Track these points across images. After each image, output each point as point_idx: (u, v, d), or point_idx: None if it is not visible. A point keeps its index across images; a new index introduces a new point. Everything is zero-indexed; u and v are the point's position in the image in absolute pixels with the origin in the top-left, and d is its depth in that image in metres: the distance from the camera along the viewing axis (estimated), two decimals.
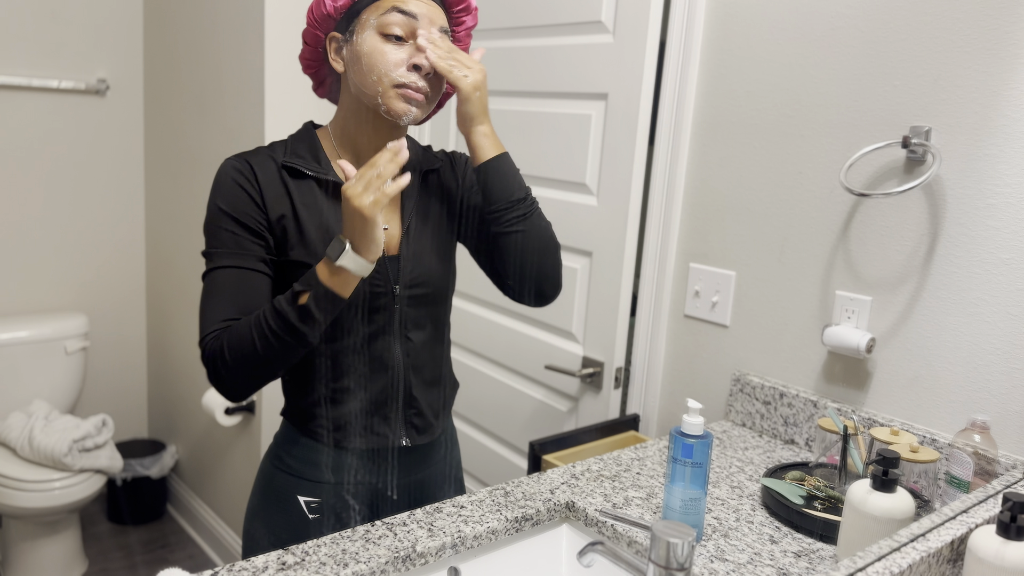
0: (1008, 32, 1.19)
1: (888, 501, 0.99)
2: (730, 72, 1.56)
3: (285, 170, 1.08)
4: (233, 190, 1.05)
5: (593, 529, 1.17)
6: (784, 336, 1.51)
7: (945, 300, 1.28)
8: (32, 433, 2.28)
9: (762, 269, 1.54)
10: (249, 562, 0.98)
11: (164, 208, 2.72)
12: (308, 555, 1.00)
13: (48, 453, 2.24)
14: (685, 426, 1.06)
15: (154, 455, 2.75)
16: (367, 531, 1.07)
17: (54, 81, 2.55)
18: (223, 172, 1.06)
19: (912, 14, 1.29)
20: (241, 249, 1.04)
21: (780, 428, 1.50)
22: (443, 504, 1.15)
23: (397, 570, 1.01)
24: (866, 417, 1.37)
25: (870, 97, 1.35)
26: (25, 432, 2.30)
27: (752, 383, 1.54)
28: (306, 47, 1.12)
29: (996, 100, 1.21)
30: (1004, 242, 1.21)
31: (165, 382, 2.86)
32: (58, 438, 2.26)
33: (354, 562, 0.99)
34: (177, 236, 2.65)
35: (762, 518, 1.20)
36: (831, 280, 1.43)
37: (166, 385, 2.85)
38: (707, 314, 1.63)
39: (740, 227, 1.56)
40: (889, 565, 0.96)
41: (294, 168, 1.09)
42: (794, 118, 1.46)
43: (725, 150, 1.58)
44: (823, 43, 1.41)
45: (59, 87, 2.56)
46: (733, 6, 1.54)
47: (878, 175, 1.36)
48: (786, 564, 1.07)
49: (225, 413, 2.28)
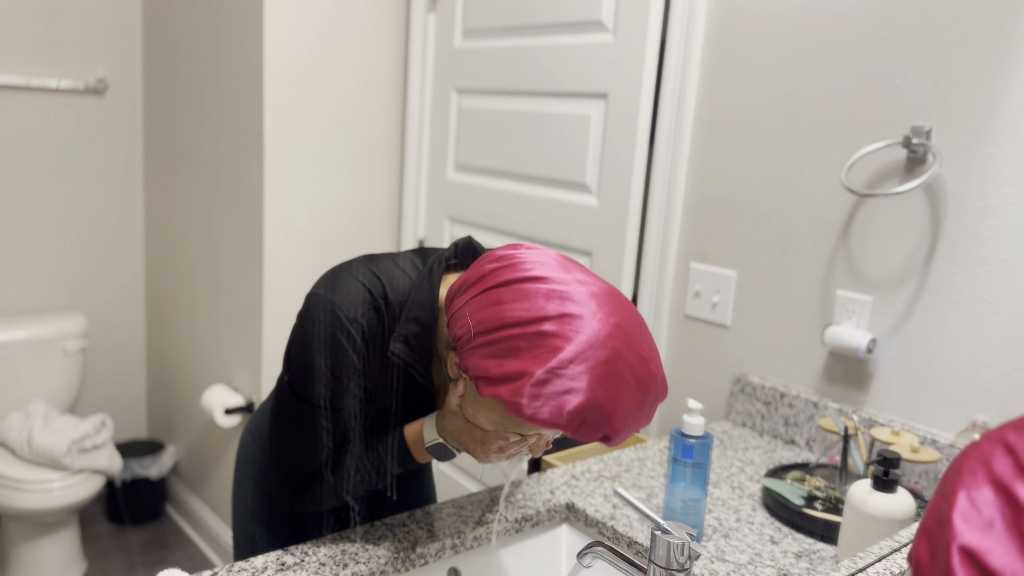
0: (1009, 32, 1.18)
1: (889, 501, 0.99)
2: (730, 72, 1.55)
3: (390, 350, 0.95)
4: (339, 350, 0.93)
5: (593, 529, 1.16)
6: (785, 336, 1.51)
7: (946, 300, 1.28)
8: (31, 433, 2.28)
9: (763, 269, 1.53)
10: (248, 562, 0.97)
11: (163, 208, 2.71)
12: (308, 555, 1.00)
13: (47, 453, 2.24)
14: (686, 426, 1.06)
15: (153, 455, 2.75)
16: (367, 531, 1.06)
17: (53, 81, 2.55)
18: (329, 328, 0.93)
19: (913, 14, 1.29)
20: (329, 398, 0.97)
21: (781, 428, 1.50)
22: (443, 504, 1.15)
23: (397, 570, 1.01)
24: (867, 417, 1.37)
25: (871, 97, 1.35)
26: (24, 432, 2.30)
27: (753, 383, 1.54)
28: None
29: (997, 100, 1.20)
30: (1005, 242, 1.21)
31: (164, 382, 2.85)
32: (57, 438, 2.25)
33: (354, 562, 0.99)
34: (176, 236, 2.65)
35: (763, 518, 1.20)
36: (832, 280, 1.43)
37: (165, 385, 2.85)
38: (707, 314, 1.63)
39: (741, 227, 1.56)
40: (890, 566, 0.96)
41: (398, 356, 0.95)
42: (795, 118, 1.46)
43: (725, 150, 1.58)
44: (824, 43, 1.41)
45: (58, 87, 2.56)
46: (733, 6, 1.54)
47: (879, 175, 1.36)
48: (786, 565, 1.07)
49: (224, 413, 2.28)
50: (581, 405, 0.77)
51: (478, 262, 0.89)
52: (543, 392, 0.77)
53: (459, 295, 0.87)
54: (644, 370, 0.81)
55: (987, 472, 0.41)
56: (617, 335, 0.79)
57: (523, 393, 0.77)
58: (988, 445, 0.42)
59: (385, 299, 0.95)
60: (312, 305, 0.94)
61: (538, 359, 0.78)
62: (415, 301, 0.95)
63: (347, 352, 0.93)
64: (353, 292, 0.94)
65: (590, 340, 0.78)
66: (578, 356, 0.77)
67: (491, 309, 0.82)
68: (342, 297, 0.93)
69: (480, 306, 0.83)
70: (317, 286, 0.95)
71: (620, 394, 0.79)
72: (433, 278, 0.96)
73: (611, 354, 0.78)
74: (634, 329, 0.82)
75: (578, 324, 0.79)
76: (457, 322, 0.85)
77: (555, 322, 0.79)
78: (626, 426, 0.80)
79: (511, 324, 0.80)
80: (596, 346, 0.78)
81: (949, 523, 0.40)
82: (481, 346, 0.81)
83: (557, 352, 0.77)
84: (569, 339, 0.78)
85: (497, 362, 0.80)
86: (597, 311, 0.80)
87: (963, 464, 0.42)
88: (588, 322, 0.79)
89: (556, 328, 0.78)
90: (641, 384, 0.80)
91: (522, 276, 0.82)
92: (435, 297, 0.95)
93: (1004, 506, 0.39)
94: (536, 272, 0.82)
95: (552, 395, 0.77)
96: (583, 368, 0.77)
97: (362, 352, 0.93)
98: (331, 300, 0.93)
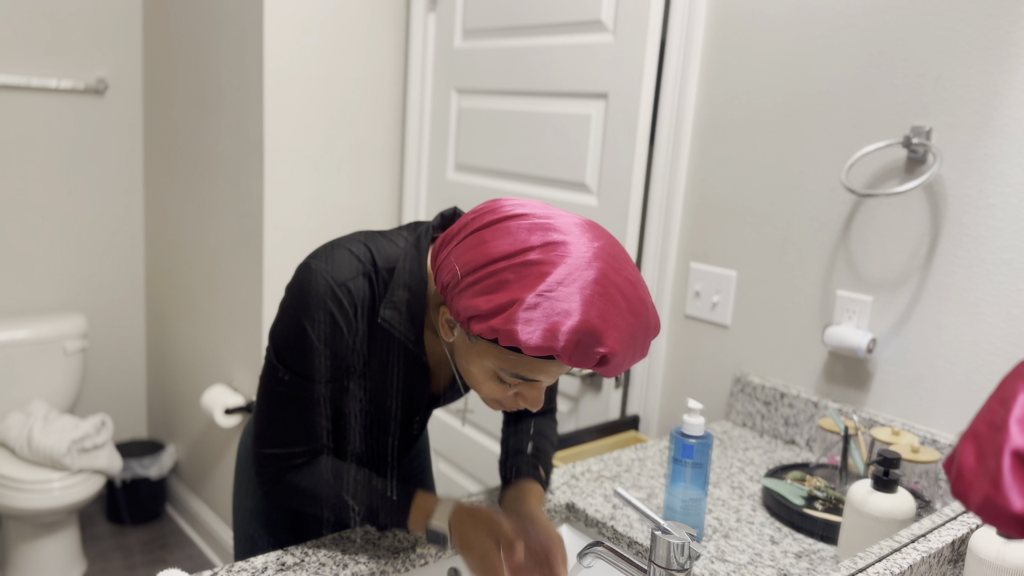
0: (1009, 32, 1.18)
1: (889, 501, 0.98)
2: (731, 72, 1.55)
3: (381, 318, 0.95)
4: (326, 321, 0.93)
5: (593, 529, 1.16)
6: (785, 336, 1.51)
7: (946, 300, 1.28)
8: (31, 433, 2.28)
9: (763, 269, 1.53)
10: (248, 562, 0.97)
11: (163, 208, 2.71)
12: (308, 555, 1.00)
13: (47, 453, 2.24)
14: (686, 426, 1.06)
15: (153, 455, 2.75)
16: (367, 531, 1.06)
17: (53, 81, 2.55)
18: (318, 295, 0.92)
19: (913, 13, 1.29)
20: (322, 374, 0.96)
21: (781, 428, 1.50)
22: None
23: (397, 570, 1.01)
24: (867, 417, 1.37)
25: (871, 97, 1.35)
26: (24, 432, 2.30)
27: (753, 383, 1.54)
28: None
29: (997, 100, 1.20)
30: (1005, 242, 1.21)
31: (164, 382, 2.85)
32: (57, 438, 2.25)
33: (354, 562, 0.99)
34: (176, 236, 2.65)
35: (763, 519, 1.20)
36: (832, 280, 1.43)
37: (165, 385, 2.85)
38: (708, 314, 1.63)
39: (741, 227, 1.56)
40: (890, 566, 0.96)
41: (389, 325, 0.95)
42: (795, 118, 1.46)
43: (726, 150, 1.57)
44: (824, 42, 1.41)
45: (58, 87, 2.56)
46: (733, 5, 1.54)
47: (879, 175, 1.36)
48: (787, 565, 1.07)
49: (224, 413, 2.28)
50: (574, 325, 0.77)
51: (460, 218, 0.90)
52: (535, 316, 0.77)
53: (443, 247, 0.88)
54: (634, 293, 0.81)
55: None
56: (603, 257, 0.80)
57: (516, 319, 0.78)
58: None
59: (375, 266, 0.95)
60: (302, 273, 0.94)
61: (527, 286, 0.78)
62: (404, 268, 0.95)
63: (336, 320, 0.92)
64: (342, 260, 0.94)
65: (577, 263, 0.79)
66: (566, 278, 0.78)
67: (476, 249, 0.82)
68: (332, 265, 0.93)
69: (464, 249, 0.84)
70: (307, 257, 0.96)
71: (611, 313, 0.79)
72: (421, 246, 0.96)
73: (599, 274, 0.79)
74: (619, 254, 0.83)
75: (563, 249, 0.80)
76: (443, 270, 0.86)
77: (540, 250, 0.80)
78: (621, 348, 0.80)
79: (497, 259, 0.80)
80: (583, 267, 0.79)
81: (1005, 427, 0.38)
82: (469, 285, 0.82)
83: (545, 277, 0.78)
84: (556, 264, 0.79)
85: (487, 298, 0.80)
86: (581, 236, 0.81)
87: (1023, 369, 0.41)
88: (573, 247, 0.80)
89: (542, 256, 0.79)
90: (632, 306, 0.81)
91: (504, 215, 0.84)
92: (423, 264, 0.95)
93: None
94: (517, 211, 0.84)
95: (544, 317, 0.77)
96: (572, 289, 0.78)
97: (350, 320, 0.93)
98: (320, 267, 0.93)
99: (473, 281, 0.81)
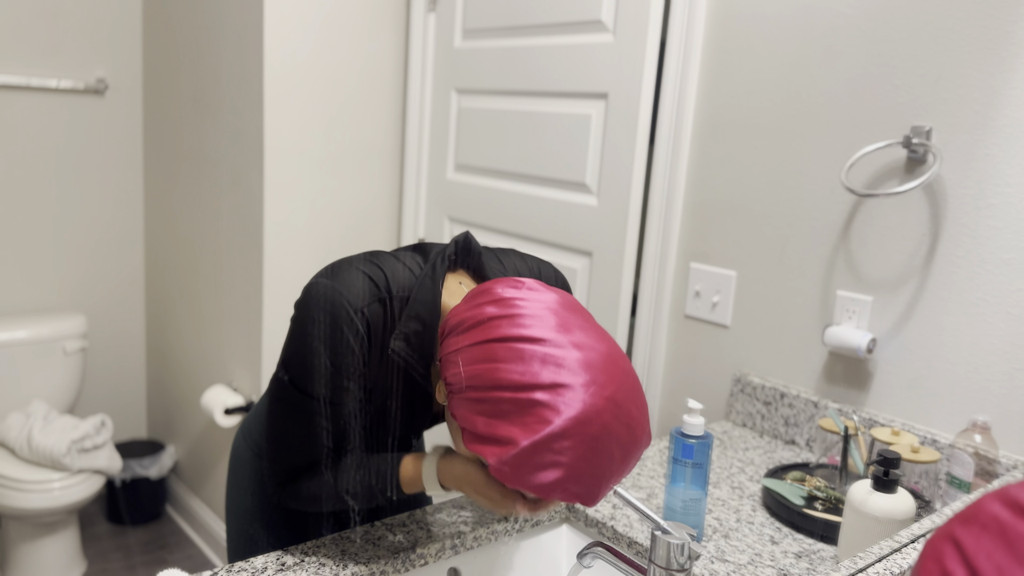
0: (1008, 32, 1.18)
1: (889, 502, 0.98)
2: (730, 72, 1.55)
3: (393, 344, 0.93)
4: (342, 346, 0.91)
5: (593, 529, 1.16)
6: (785, 336, 1.51)
7: (946, 300, 1.28)
8: (31, 433, 2.28)
9: (763, 269, 1.53)
10: (248, 562, 0.97)
11: (163, 208, 2.71)
12: (308, 555, 1.00)
13: (47, 453, 2.24)
14: (686, 426, 1.05)
15: (153, 455, 2.75)
16: (367, 531, 1.06)
17: (53, 81, 2.55)
18: (335, 318, 0.90)
19: (913, 14, 1.29)
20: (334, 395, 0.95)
21: (781, 428, 1.50)
22: (443, 504, 1.15)
23: (397, 570, 1.01)
24: (867, 417, 1.37)
25: (871, 97, 1.35)
26: (24, 432, 2.30)
27: (753, 383, 1.54)
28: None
29: (997, 100, 1.20)
30: (1005, 242, 1.21)
31: (164, 382, 2.85)
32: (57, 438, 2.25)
33: (354, 562, 0.99)
34: (176, 236, 2.65)
35: (763, 519, 1.19)
36: (832, 280, 1.43)
37: (165, 385, 2.85)
38: (707, 314, 1.63)
39: (741, 227, 1.56)
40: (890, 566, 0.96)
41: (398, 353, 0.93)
42: (795, 118, 1.46)
43: (725, 150, 1.57)
44: (824, 43, 1.41)
45: (58, 87, 2.56)
46: (733, 6, 1.54)
47: (879, 175, 1.36)
48: (787, 565, 1.07)
49: (224, 413, 2.28)
50: (563, 479, 0.77)
51: (476, 297, 0.86)
52: (527, 463, 0.77)
53: (454, 335, 0.85)
54: (630, 439, 0.80)
55: (940, 571, 0.43)
56: (609, 409, 0.78)
57: (507, 462, 0.77)
58: (939, 542, 0.44)
59: (389, 293, 0.93)
60: (314, 294, 0.92)
61: (527, 429, 0.77)
62: (418, 299, 0.93)
63: (350, 343, 0.91)
64: (358, 283, 0.92)
65: (579, 416, 0.77)
66: (566, 432, 0.76)
67: (485, 365, 0.80)
68: (347, 286, 0.91)
69: (474, 358, 0.82)
70: (319, 275, 0.93)
71: (604, 468, 0.78)
72: (436, 276, 0.94)
73: (600, 430, 0.77)
74: (627, 398, 0.80)
75: (570, 396, 0.78)
76: (450, 367, 0.84)
77: (547, 391, 0.77)
78: (603, 492, 0.80)
79: (503, 387, 0.79)
80: (585, 422, 0.77)
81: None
82: (472, 400, 0.81)
83: (546, 424, 0.77)
84: (559, 412, 0.77)
85: (486, 421, 0.79)
86: (591, 383, 0.79)
87: (922, 565, 0.45)
88: (580, 395, 0.78)
89: (548, 398, 0.77)
90: (626, 453, 0.80)
91: (519, 335, 0.81)
92: (438, 296, 0.93)
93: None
94: (533, 332, 0.81)
95: (536, 467, 0.77)
96: (570, 444, 0.77)
97: (365, 345, 0.92)
98: (336, 288, 0.91)
99: (476, 399, 0.80)
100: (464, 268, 1.01)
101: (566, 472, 0.77)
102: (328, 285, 0.91)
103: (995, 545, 0.41)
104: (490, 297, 0.85)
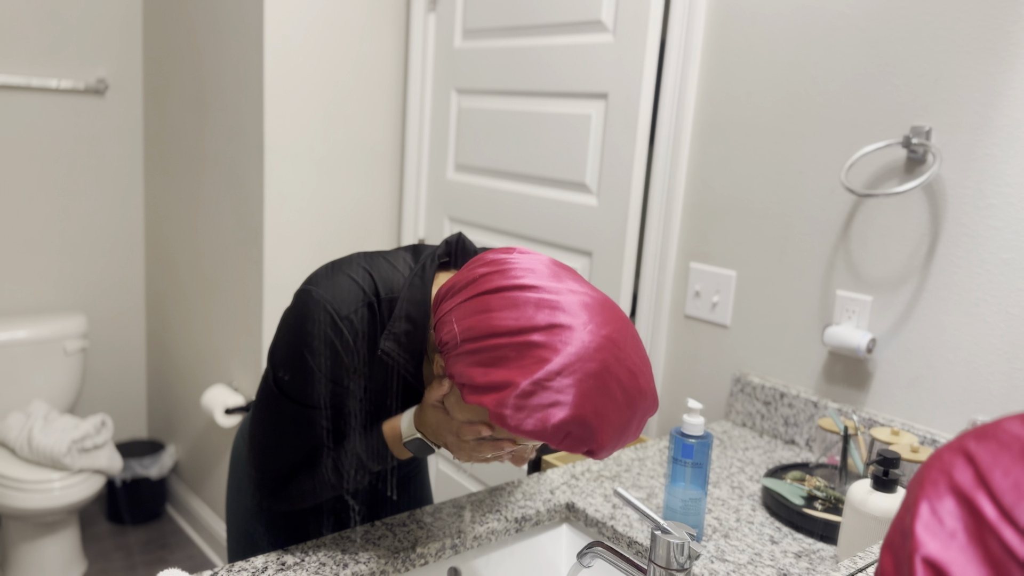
0: (1008, 32, 1.18)
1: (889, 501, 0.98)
2: (730, 72, 1.55)
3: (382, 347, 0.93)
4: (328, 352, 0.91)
5: (593, 529, 1.16)
6: (785, 336, 1.51)
7: (946, 300, 1.28)
8: (31, 433, 2.28)
9: (763, 269, 1.53)
10: (249, 562, 0.97)
11: (163, 208, 2.71)
12: (308, 555, 1.00)
13: (47, 453, 2.24)
14: (685, 426, 1.06)
15: (153, 455, 2.75)
16: (367, 531, 1.07)
17: (53, 81, 2.55)
18: (320, 325, 0.90)
19: (913, 14, 1.29)
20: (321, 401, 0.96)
21: (780, 428, 1.50)
22: (443, 504, 1.15)
23: (397, 570, 1.01)
24: (866, 417, 1.37)
25: (871, 97, 1.35)
26: (24, 432, 2.30)
27: (752, 383, 1.54)
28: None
29: (997, 100, 1.20)
30: (1005, 242, 1.21)
31: (164, 382, 2.86)
32: (57, 438, 2.25)
33: (354, 562, 0.99)
34: (176, 236, 2.65)
35: (762, 518, 1.20)
36: (832, 280, 1.43)
37: (165, 385, 2.85)
38: (707, 314, 1.63)
39: (740, 227, 1.56)
40: None
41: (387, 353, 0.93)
42: (794, 118, 1.46)
43: (725, 150, 1.58)
44: (823, 43, 1.41)
45: (58, 87, 2.56)
46: (733, 6, 1.54)
47: (879, 175, 1.36)
48: (786, 564, 1.07)
49: (224, 413, 2.28)
50: (566, 419, 0.75)
51: (468, 265, 0.86)
52: (528, 404, 0.76)
53: (447, 299, 0.85)
54: (633, 384, 0.79)
55: (948, 482, 0.40)
56: (607, 347, 0.77)
57: (507, 404, 0.76)
58: (949, 455, 0.41)
59: (377, 296, 0.93)
60: (302, 302, 0.91)
61: (524, 370, 0.76)
62: (407, 299, 0.92)
63: (337, 351, 0.91)
64: (345, 289, 0.92)
65: (579, 352, 0.76)
66: (565, 368, 0.76)
67: (479, 316, 0.80)
68: (334, 294, 0.91)
69: (468, 312, 0.81)
70: (308, 282, 0.93)
71: (607, 409, 0.77)
72: (426, 276, 0.94)
73: (600, 367, 0.76)
74: (625, 342, 0.80)
75: (567, 335, 0.77)
76: (444, 327, 0.83)
77: (544, 332, 0.77)
78: (612, 441, 0.78)
79: (499, 333, 0.78)
80: (585, 359, 0.76)
81: (912, 534, 0.39)
82: (467, 353, 0.80)
83: (544, 363, 0.76)
84: (557, 350, 0.76)
85: (483, 371, 0.78)
86: (588, 322, 0.78)
87: (925, 475, 0.42)
88: (578, 333, 0.77)
89: (544, 338, 0.77)
90: (629, 399, 0.78)
91: (512, 284, 0.80)
92: (427, 295, 0.93)
93: (966, 516, 0.38)
94: (526, 280, 0.80)
95: (537, 407, 0.75)
96: (570, 381, 0.76)
97: (352, 351, 0.92)
98: (322, 297, 0.91)
99: (472, 350, 0.79)
100: (458, 268, 1.01)
101: (568, 413, 0.75)
102: (315, 293, 0.91)
103: (1014, 462, 0.38)
104: (480, 261, 0.85)
